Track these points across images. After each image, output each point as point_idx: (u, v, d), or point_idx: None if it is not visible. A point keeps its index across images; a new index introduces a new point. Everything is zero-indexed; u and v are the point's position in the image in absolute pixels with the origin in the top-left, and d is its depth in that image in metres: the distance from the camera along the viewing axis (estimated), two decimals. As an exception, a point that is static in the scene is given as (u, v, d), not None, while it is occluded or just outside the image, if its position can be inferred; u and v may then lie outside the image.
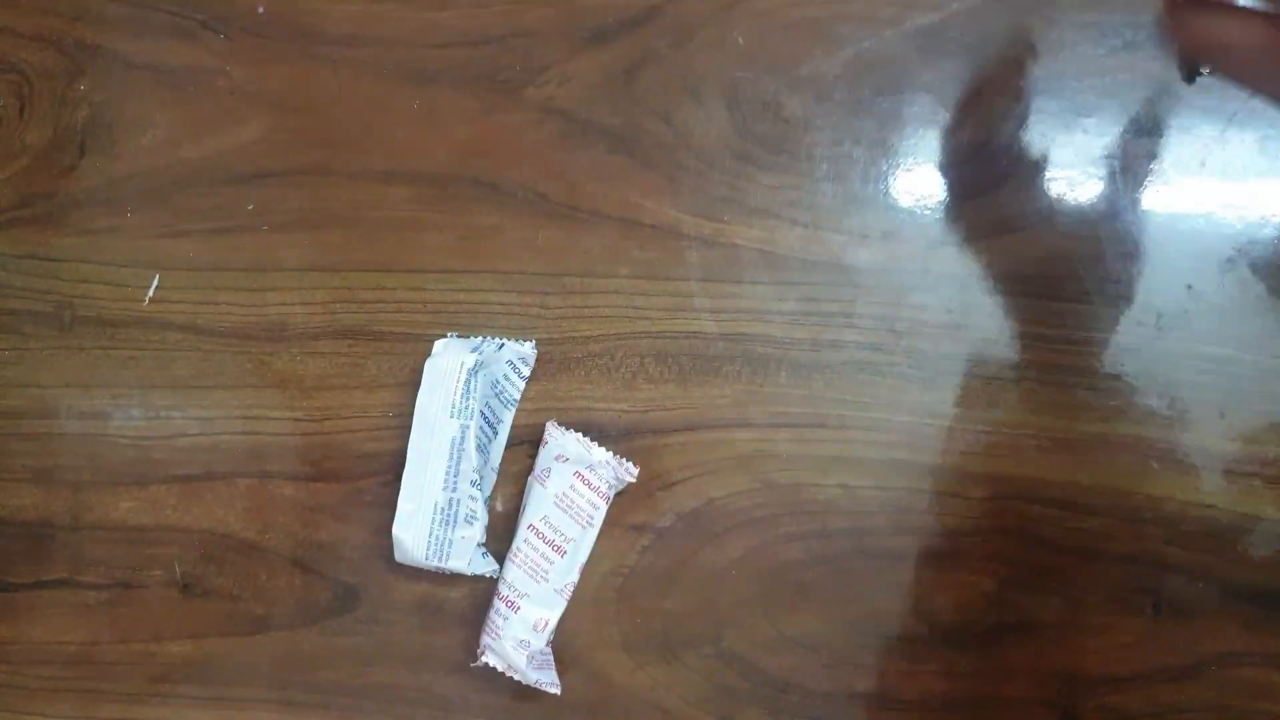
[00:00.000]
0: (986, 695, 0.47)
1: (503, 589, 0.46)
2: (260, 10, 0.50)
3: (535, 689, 0.46)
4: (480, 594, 0.49)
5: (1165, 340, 0.47)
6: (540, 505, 0.46)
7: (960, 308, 0.47)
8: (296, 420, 0.49)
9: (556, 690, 0.46)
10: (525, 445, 0.49)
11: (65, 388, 0.50)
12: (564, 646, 0.49)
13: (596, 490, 0.46)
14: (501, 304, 0.49)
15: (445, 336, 0.48)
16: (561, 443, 0.47)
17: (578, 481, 0.46)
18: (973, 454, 0.47)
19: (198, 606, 0.50)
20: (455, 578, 0.49)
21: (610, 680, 0.49)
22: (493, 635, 0.46)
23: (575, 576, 0.46)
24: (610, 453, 0.47)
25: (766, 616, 0.48)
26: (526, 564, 0.46)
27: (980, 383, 0.47)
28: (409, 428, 0.47)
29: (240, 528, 0.50)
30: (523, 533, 0.46)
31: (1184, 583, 0.47)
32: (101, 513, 0.50)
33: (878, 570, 0.48)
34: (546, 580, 0.46)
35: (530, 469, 0.48)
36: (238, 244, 0.50)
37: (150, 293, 0.50)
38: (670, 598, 0.48)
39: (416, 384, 0.48)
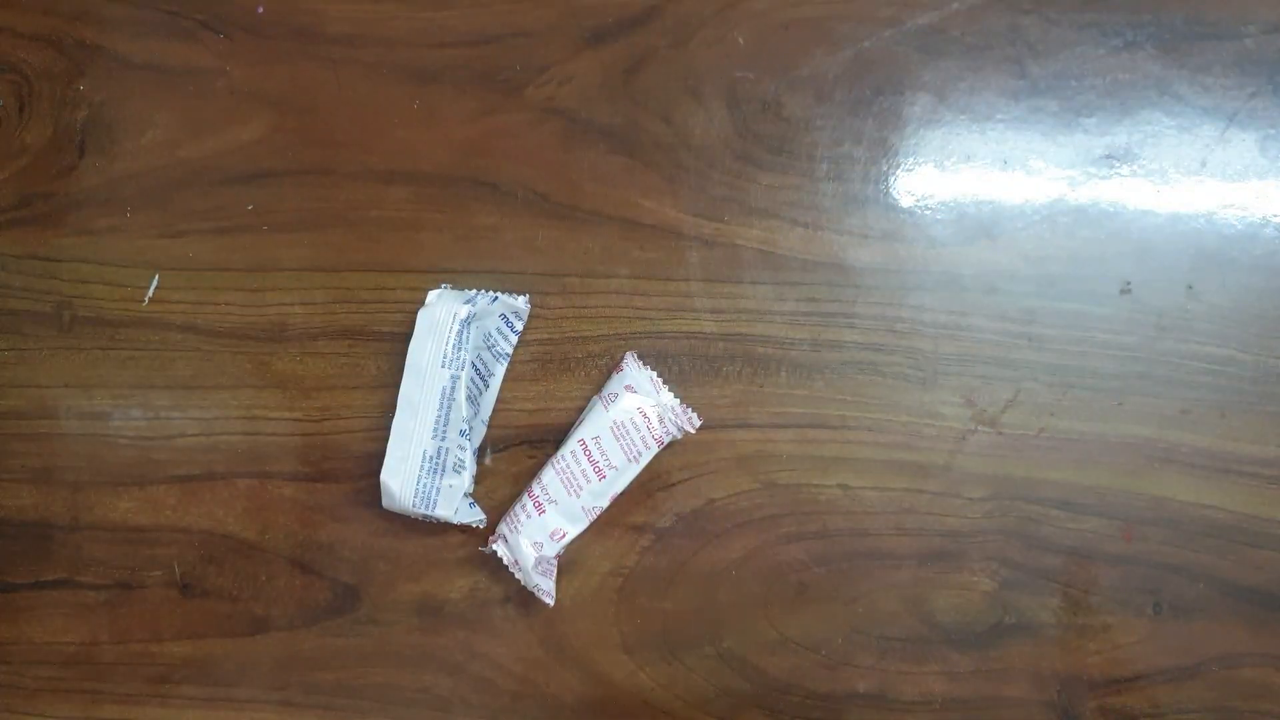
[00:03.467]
0: (987, 696, 0.47)
1: (535, 488, 0.47)
2: (260, 10, 0.50)
3: (531, 690, 0.46)
4: (481, 594, 0.49)
5: (1166, 340, 0.47)
6: (597, 424, 0.46)
7: (960, 308, 0.47)
8: (296, 421, 0.49)
9: (550, 601, 0.47)
10: (525, 446, 0.49)
11: (65, 388, 0.50)
12: (564, 647, 0.49)
13: (653, 430, 0.46)
14: (501, 304, 0.49)
15: (438, 287, 0.48)
16: (635, 375, 0.47)
17: (639, 416, 0.46)
18: (972, 454, 0.47)
19: (197, 607, 0.50)
20: (454, 576, 0.49)
21: (610, 681, 0.49)
22: (511, 527, 0.46)
23: (605, 503, 0.47)
24: (678, 400, 0.47)
25: (767, 617, 0.48)
26: (565, 474, 0.46)
27: (980, 383, 0.47)
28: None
29: (240, 528, 0.50)
30: (572, 444, 0.46)
31: (1184, 583, 0.47)
32: (101, 513, 0.50)
33: (878, 571, 0.48)
34: (578, 496, 0.46)
35: (530, 468, 0.48)
36: (237, 244, 0.50)
37: (150, 293, 0.50)
38: (670, 598, 0.48)
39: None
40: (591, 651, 0.48)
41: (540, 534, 0.46)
